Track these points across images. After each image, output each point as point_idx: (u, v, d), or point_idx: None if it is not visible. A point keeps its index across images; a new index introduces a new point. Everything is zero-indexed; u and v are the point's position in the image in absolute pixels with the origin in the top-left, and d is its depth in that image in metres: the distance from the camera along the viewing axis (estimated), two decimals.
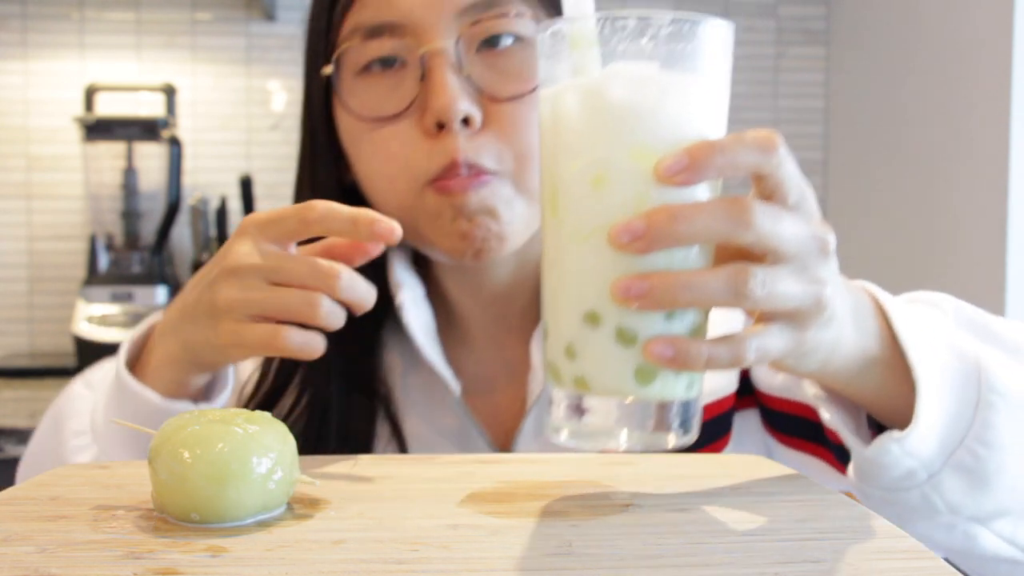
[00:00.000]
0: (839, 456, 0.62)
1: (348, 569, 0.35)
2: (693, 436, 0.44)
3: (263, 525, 0.41)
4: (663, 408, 0.42)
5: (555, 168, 0.43)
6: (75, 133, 1.76)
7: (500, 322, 0.74)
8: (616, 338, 0.41)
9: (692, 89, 0.42)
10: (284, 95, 1.88)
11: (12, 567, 0.35)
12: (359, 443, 0.70)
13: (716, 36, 0.42)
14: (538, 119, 0.45)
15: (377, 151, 0.67)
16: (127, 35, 1.86)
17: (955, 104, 1.48)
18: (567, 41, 0.43)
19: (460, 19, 0.64)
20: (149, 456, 0.42)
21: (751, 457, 0.56)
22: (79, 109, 1.79)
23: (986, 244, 1.37)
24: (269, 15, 1.85)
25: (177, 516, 0.41)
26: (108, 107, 1.77)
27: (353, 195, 0.71)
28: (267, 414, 0.45)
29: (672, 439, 0.42)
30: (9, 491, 0.46)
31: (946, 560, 0.37)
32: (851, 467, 0.56)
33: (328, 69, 0.67)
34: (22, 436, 1.22)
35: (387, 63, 0.66)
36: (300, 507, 0.43)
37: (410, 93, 0.65)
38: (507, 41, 0.65)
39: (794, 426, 0.68)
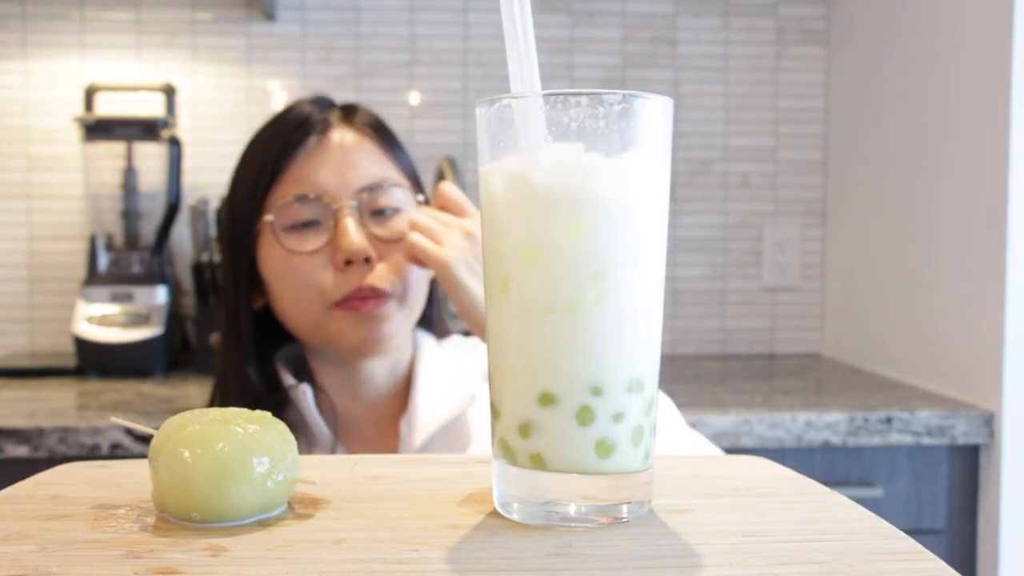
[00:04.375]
0: None
1: (348, 569, 0.35)
2: (647, 506, 0.44)
3: (263, 525, 0.41)
4: (621, 480, 0.42)
5: (496, 244, 0.43)
6: (75, 133, 1.76)
7: (372, 421, 0.99)
8: (576, 417, 0.41)
9: (619, 170, 0.42)
10: (284, 95, 1.88)
11: (12, 565, 0.35)
12: None
13: (651, 114, 0.42)
14: (479, 194, 0.46)
15: (299, 281, 0.93)
16: (127, 35, 1.86)
17: (955, 104, 1.48)
18: (503, 118, 0.43)
19: (359, 193, 0.94)
20: (150, 455, 0.42)
21: (751, 457, 0.56)
22: (79, 109, 1.79)
23: (986, 244, 1.37)
24: (269, 15, 1.85)
25: (177, 515, 0.41)
26: (108, 107, 1.77)
27: (263, 318, 0.98)
28: (267, 414, 0.45)
29: (626, 510, 0.43)
30: (9, 490, 0.46)
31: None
32: None
33: (269, 217, 0.94)
34: (22, 436, 1.22)
35: (308, 224, 0.93)
36: (300, 507, 0.43)
37: (325, 237, 0.93)
38: (389, 211, 0.95)
39: None
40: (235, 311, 0.98)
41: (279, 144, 0.96)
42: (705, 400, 1.43)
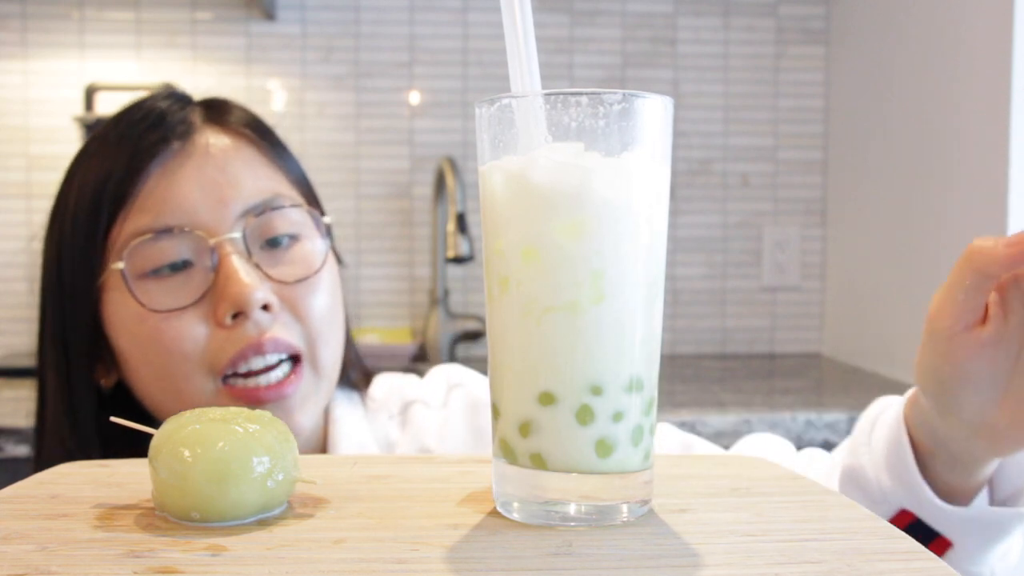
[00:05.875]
0: None
1: (348, 569, 0.35)
2: (648, 506, 0.44)
3: (263, 524, 0.41)
4: (621, 480, 0.42)
5: (496, 243, 0.43)
6: (75, 133, 1.76)
7: None
8: (575, 416, 0.41)
9: (619, 169, 0.42)
10: (284, 95, 1.89)
11: (12, 565, 0.35)
12: None
13: (651, 113, 0.42)
14: (479, 194, 0.46)
15: (165, 349, 0.67)
16: (127, 35, 1.86)
17: (955, 104, 1.48)
18: (503, 118, 0.43)
19: (243, 218, 0.69)
20: (150, 455, 0.42)
21: (751, 457, 0.56)
22: (79, 109, 1.79)
23: None
24: (269, 15, 1.85)
25: (177, 515, 0.41)
26: (108, 107, 1.77)
27: (113, 399, 0.72)
28: (267, 414, 0.45)
29: (626, 510, 0.42)
30: (9, 489, 0.46)
31: None
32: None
33: (119, 264, 0.67)
34: (22, 436, 1.22)
35: (174, 267, 0.68)
36: (300, 507, 0.43)
37: (202, 285, 0.67)
38: (285, 240, 0.71)
39: None
40: (68, 397, 0.71)
41: (126, 155, 0.69)
42: (705, 400, 1.43)
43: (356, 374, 0.83)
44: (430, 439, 0.79)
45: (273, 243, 0.72)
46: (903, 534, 0.40)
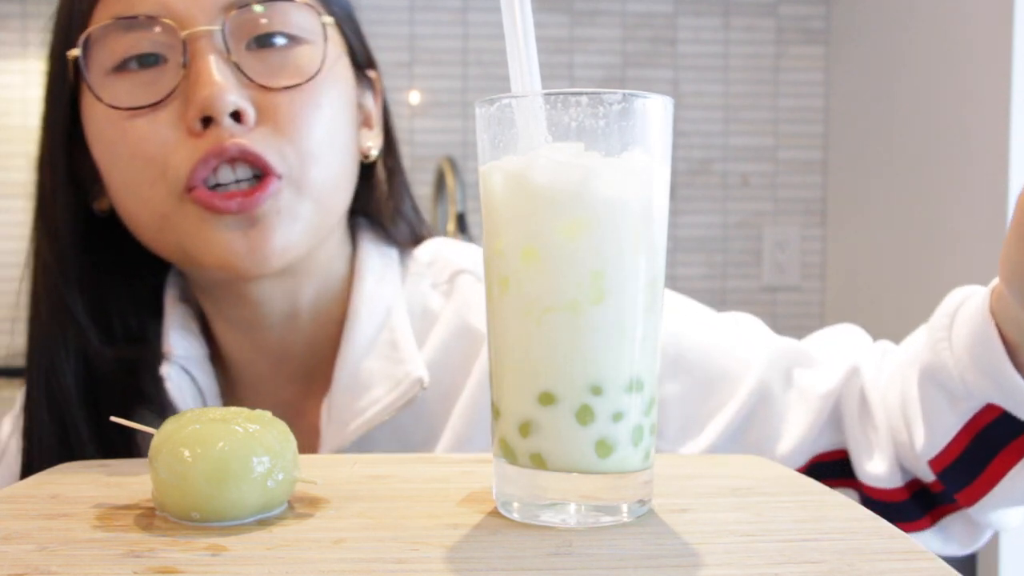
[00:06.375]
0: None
1: (348, 569, 0.35)
2: (648, 506, 0.44)
3: (263, 524, 0.41)
4: (620, 480, 0.42)
5: (496, 243, 0.43)
6: None
7: (280, 387, 0.69)
8: (575, 416, 0.41)
9: (619, 169, 0.42)
10: None
11: (12, 565, 0.35)
12: None
13: (651, 113, 0.42)
14: (479, 193, 0.46)
15: (133, 154, 0.61)
16: None
17: (955, 103, 1.48)
18: (503, 118, 0.43)
19: (225, 11, 0.60)
20: (150, 455, 0.42)
21: (751, 457, 0.56)
22: None
23: (986, 243, 1.37)
24: None
25: (177, 515, 0.41)
26: None
27: (108, 227, 0.67)
28: (267, 413, 0.45)
29: (626, 510, 0.42)
30: (9, 489, 0.46)
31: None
32: None
33: (75, 52, 0.61)
34: None
35: (144, 61, 0.60)
36: (300, 506, 0.43)
37: (171, 83, 0.60)
38: (279, 41, 0.62)
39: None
40: (52, 214, 0.68)
41: None
42: None
43: (403, 231, 0.73)
44: (475, 316, 0.69)
45: (263, 42, 0.62)
46: (903, 534, 0.40)
